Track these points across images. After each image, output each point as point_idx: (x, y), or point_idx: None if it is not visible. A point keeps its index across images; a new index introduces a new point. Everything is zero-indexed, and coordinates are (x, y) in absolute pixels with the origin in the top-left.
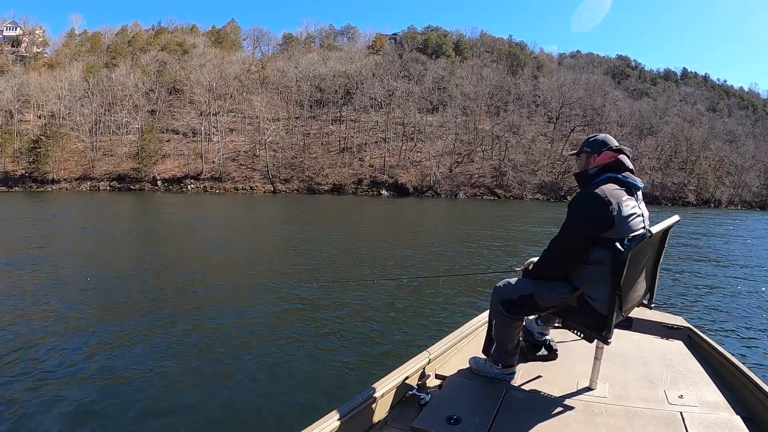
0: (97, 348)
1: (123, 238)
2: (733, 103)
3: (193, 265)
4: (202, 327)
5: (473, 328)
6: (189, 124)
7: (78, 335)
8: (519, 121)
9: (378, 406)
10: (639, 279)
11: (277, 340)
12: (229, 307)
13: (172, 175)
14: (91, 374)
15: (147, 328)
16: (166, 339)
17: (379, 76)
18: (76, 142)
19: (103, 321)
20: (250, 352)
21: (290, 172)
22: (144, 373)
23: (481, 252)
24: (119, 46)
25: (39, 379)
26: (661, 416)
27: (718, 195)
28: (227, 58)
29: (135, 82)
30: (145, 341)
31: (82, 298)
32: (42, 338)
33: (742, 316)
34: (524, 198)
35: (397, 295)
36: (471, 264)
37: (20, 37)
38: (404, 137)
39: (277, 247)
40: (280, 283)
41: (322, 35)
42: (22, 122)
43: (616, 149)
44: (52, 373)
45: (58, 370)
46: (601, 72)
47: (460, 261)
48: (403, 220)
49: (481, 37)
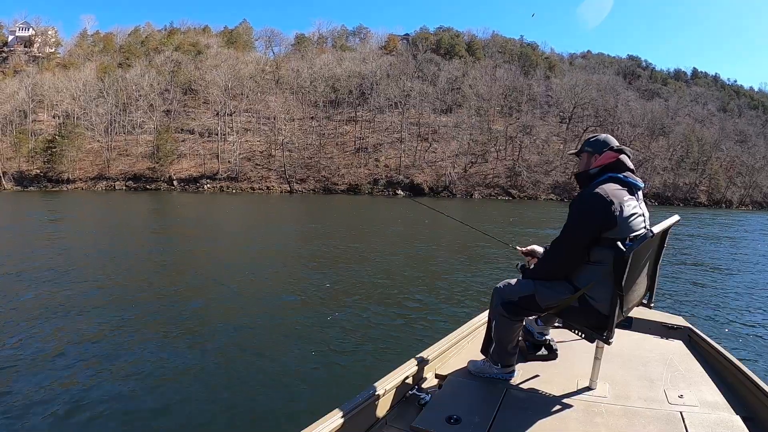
0: (96, 342)
1: (157, 236)
2: (744, 103)
3: (198, 264)
4: (202, 326)
5: (473, 327)
6: (204, 124)
7: (80, 332)
8: (532, 122)
9: (378, 405)
10: (639, 279)
11: (277, 339)
12: (230, 307)
13: (188, 174)
14: (90, 369)
15: (146, 326)
16: (166, 338)
17: (393, 77)
18: (91, 141)
19: (102, 313)
20: (249, 352)
21: (306, 172)
22: (142, 371)
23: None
24: (132, 46)
25: (37, 371)
26: (661, 416)
27: (729, 195)
28: (241, 58)
29: (150, 82)
30: (143, 340)
31: (95, 291)
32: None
33: (742, 316)
34: (538, 198)
35: (398, 295)
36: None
37: (33, 38)
38: (419, 137)
39: (288, 247)
40: (283, 283)
41: (334, 36)
42: (36, 122)
43: (617, 149)
44: (52, 370)
45: (46, 360)
46: (613, 72)
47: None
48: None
49: (492, 37)
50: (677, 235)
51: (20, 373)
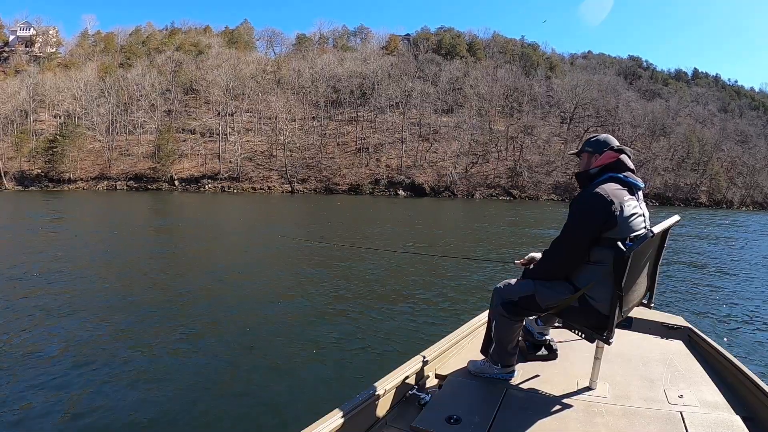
0: (96, 342)
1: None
2: (744, 104)
3: (199, 263)
4: (202, 326)
5: (473, 327)
6: (206, 124)
7: (84, 329)
8: (533, 122)
9: (378, 406)
10: (639, 279)
11: (277, 339)
12: (230, 306)
13: (189, 174)
14: (90, 369)
15: (146, 326)
16: (166, 338)
17: (395, 77)
18: (92, 141)
19: (107, 313)
20: (248, 352)
21: (307, 172)
22: (143, 371)
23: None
24: (134, 46)
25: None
26: (661, 416)
27: (730, 196)
28: (243, 58)
29: (151, 82)
30: (143, 340)
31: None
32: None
33: (742, 315)
34: (539, 198)
35: (398, 295)
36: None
37: (34, 38)
38: (420, 138)
39: (289, 247)
40: (284, 283)
41: (335, 36)
42: (37, 122)
43: (617, 149)
44: (53, 365)
45: (52, 360)
46: (613, 73)
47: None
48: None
49: (493, 37)
50: (677, 235)
51: (16, 372)
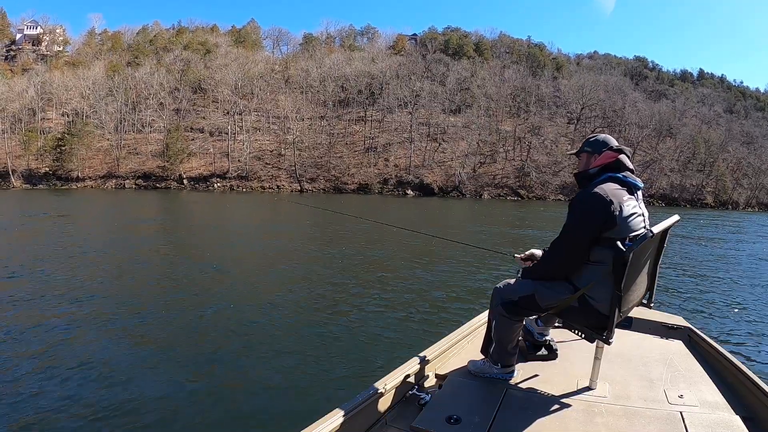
0: (95, 342)
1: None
2: (750, 105)
3: (203, 262)
4: (202, 326)
5: (473, 327)
6: (214, 123)
7: (85, 327)
8: (540, 122)
9: (378, 405)
10: (639, 278)
11: (277, 339)
12: (230, 305)
13: (198, 173)
14: (89, 368)
15: (146, 327)
16: (167, 338)
17: (403, 77)
18: (100, 140)
19: (108, 312)
20: (249, 352)
21: (316, 171)
22: (143, 371)
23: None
24: (141, 45)
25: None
26: (661, 416)
27: (736, 197)
28: (251, 57)
29: (159, 81)
30: (143, 339)
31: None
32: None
33: (743, 316)
34: (547, 198)
35: (398, 295)
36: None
37: (41, 36)
38: (428, 137)
39: (294, 246)
40: (284, 283)
41: (342, 35)
42: (44, 120)
43: (616, 149)
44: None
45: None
46: (620, 73)
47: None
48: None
49: (500, 37)
50: (678, 235)
51: (23, 373)
